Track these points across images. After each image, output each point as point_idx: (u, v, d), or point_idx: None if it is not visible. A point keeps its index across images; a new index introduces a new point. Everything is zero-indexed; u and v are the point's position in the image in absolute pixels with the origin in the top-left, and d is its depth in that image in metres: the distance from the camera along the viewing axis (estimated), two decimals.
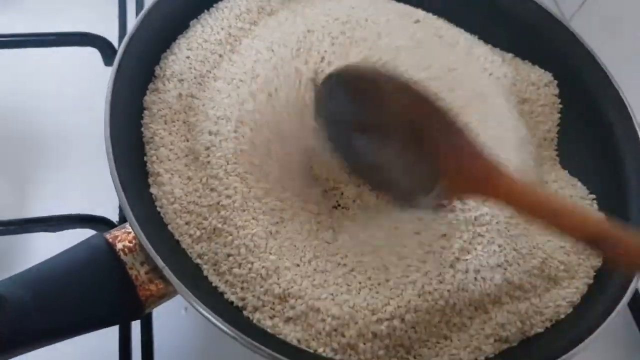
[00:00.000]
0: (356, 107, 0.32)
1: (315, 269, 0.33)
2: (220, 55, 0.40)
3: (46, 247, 0.39)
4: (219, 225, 0.33)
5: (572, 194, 0.41)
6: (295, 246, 0.34)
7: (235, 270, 0.32)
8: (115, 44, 0.49)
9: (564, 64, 0.45)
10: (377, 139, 0.31)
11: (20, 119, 0.47)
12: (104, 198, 0.40)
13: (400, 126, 0.30)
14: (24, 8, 0.53)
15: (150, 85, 0.38)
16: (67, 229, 0.39)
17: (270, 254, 0.33)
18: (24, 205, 0.43)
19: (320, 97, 0.33)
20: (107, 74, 0.46)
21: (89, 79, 0.46)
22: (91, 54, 0.48)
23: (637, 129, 0.40)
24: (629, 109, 0.41)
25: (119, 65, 0.35)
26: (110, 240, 0.31)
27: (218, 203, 0.34)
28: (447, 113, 0.30)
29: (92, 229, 0.39)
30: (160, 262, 0.29)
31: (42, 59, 0.49)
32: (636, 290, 0.36)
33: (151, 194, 0.35)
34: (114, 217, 0.41)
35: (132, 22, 0.49)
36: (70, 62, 0.49)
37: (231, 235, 0.33)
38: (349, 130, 0.32)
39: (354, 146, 0.32)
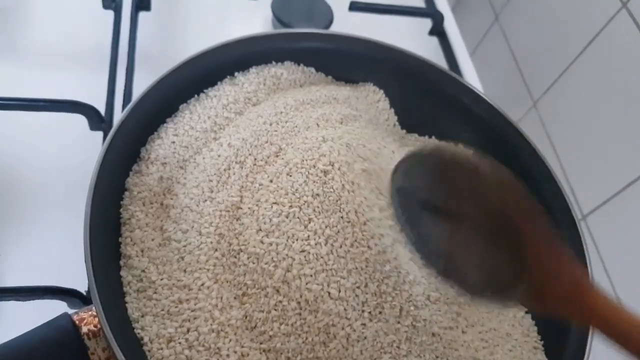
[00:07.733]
0: (441, 190, 0.30)
1: None
2: (204, 143, 0.42)
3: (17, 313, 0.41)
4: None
5: None
6: None
7: None
8: (102, 110, 0.50)
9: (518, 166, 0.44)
10: (459, 226, 0.29)
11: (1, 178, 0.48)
12: (77, 266, 0.40)
13: (489, 218, 0.28)
14: (21, 65, 0.55)
15: (134, 167, 0.40)
16: (38, 299, 0.40)
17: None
18: None
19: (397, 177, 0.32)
20: (92, 138, 0.48)
21: (75, 143, 0.48)
22: (79, 118, 0.49)
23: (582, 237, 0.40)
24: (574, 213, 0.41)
25: (107, 150, 0.37)
26: (77, 322, 0.33)
27: (184, 287, 0.36)
28: (542, 216, 0.28)
29: (62, 300, 0.40)
30: (121, 357, 0.30)
31: (31, 121, 0.50)
32: None
33: (121, 276, 0.36)
34: (85, 287, 0.42)
35: (120, 90, 0.51)
36: (58, 124, 0.50)
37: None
38: (425, 214, 0.31)
39: (429, 231, 0.30)
